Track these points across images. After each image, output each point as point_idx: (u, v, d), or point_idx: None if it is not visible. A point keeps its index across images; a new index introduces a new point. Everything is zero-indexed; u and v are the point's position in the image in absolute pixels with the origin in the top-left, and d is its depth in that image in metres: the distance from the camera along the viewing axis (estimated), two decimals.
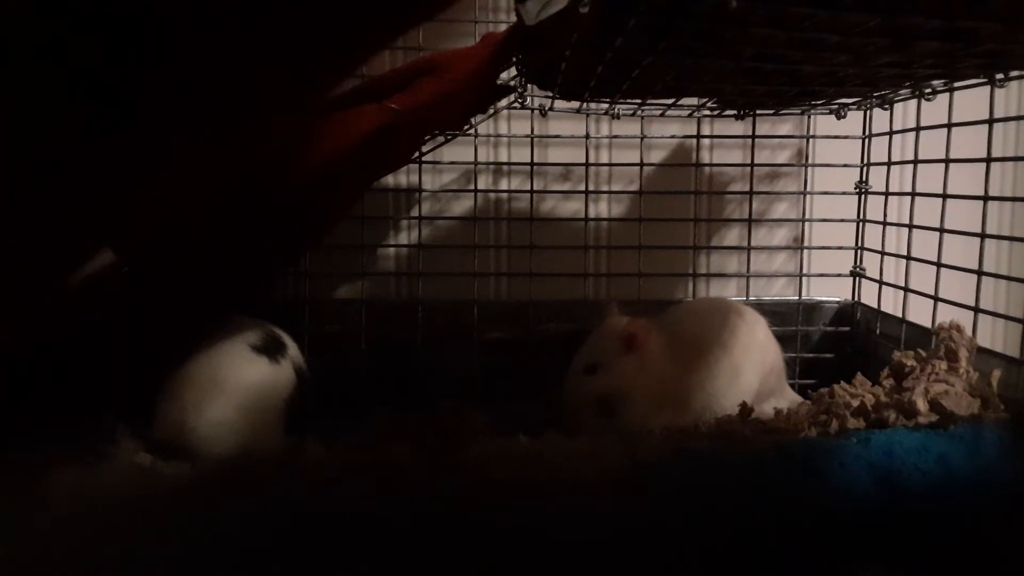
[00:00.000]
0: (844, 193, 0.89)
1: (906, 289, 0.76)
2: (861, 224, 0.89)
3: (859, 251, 0.89)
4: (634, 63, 0.56)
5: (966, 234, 0.68)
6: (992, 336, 0.77)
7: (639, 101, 0.78)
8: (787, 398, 0.73)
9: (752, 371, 0.68)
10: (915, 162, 0.76)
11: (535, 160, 0.88)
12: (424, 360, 0.86)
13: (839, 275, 0.90)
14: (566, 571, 0.46)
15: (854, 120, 0.86)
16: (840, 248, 0.90)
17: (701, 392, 0.67)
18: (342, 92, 0.67)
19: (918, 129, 0.76)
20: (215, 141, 0.48)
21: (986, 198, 0.65)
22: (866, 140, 0.87)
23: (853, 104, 0.83)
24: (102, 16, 0.36)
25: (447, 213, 0.92)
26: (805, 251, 0.93)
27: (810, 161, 0.92)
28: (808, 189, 0.92)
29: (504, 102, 0.83)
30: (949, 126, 0.70)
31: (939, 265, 0.71)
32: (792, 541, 0.47)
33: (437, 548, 0.45)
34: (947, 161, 0.70)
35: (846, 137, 0.88)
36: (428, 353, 0.86)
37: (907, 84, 0.70)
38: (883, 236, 0.82)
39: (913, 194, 0.76)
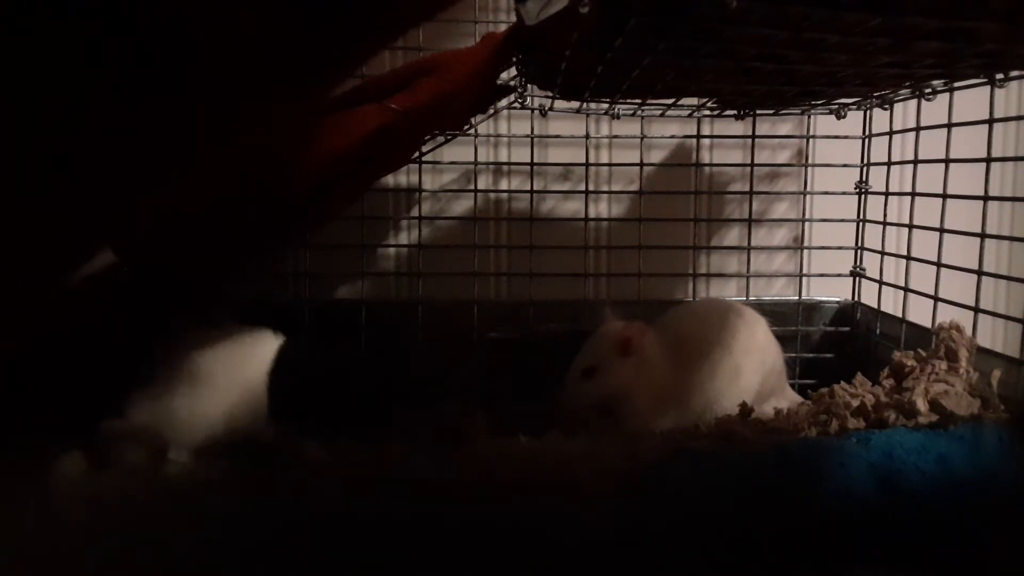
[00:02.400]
0: (844, 193, 0.89)
1: (906, 289, 0.76)
2: (861, 224, 0.89)
3: (859, 251, 0.89)
4: (634, 63, 0.56)
5: (966, 234, 0.68)
6: (992, 336, 0.77)
7: (639, 101, 0.78)
8: (787, 398, 0.73)
9: (752, 371, 0.68)
10: (915, 162, 0.76)
11: (535, 160, 0.88)
12: (424, 360, 0.86)
13: (839, 275, 0.90)
14: (566, 571, 0.46)
15: (854, 120, 0.86)
16: (840, 248, 0.90)
17: (701, 393, 0.67)
18: (342, 92, 0.67)
19: (918, 129, 0.76)
20: (215, 142, 0.48)
21: (986, 198, 0.65)
22: (866, 140, 0.87)
23: (853, 104, 0.83)
24: (107, 14, 0.36)
25: (447, 213, 0.92)
26: (805, 251, 0.93)
27: (810, 161, 0.92)
28: (808, 189, 0.92)
29: (504, 102, 0.83)
30: (949, 126, 0.70)
31: (939, 265, 0.71)
32: (792, 541, 0.47)
33: (437, 548, 0.45)
34: (947, 161, 0.70)
35: (846, 137, 0.88)
36: (428, 353, 0.86)
37: (907, 84, 0.70)
38: (883, 236, 0.82)
39: (913, 194, 0.76)
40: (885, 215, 0.82)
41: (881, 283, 0.83)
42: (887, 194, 0.82)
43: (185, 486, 0.52)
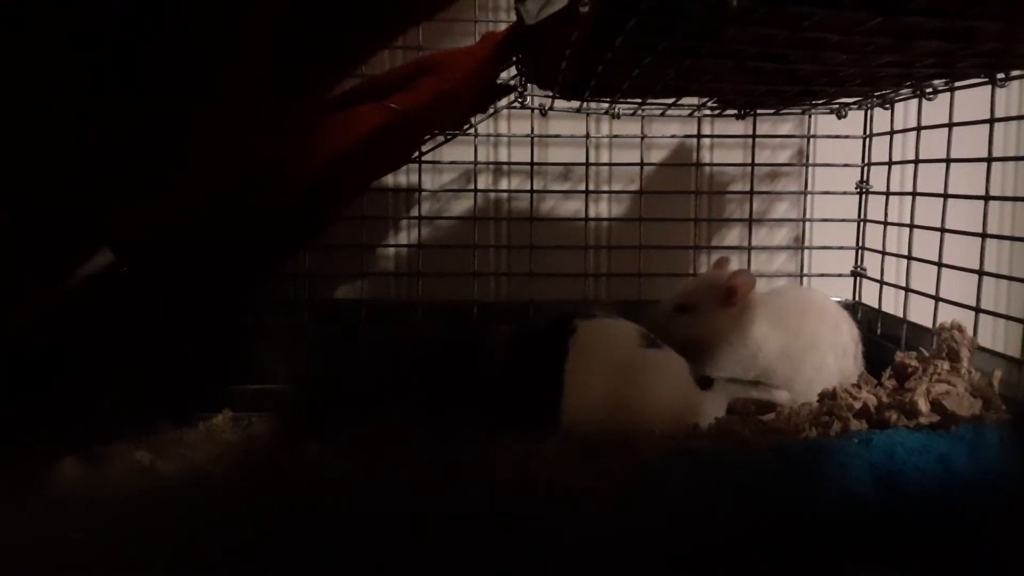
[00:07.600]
0: (845, 193, 0.89)
1: (907, 289, 0.76)
2: (862, 224, 0.89)
3: (860, 251, 0.89)
4: (634, 62, 0.56)
5: (967, 234, 0.68)
6: (993, 336, 0.77)
7: (639, 100, 0.78)
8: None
9: (834, 367, 0.69)
10: (916, 162, 0.76)
11: (535, 160, 0.88)
12: (424, 360, 0.85)
13: (840, 275, 0.90)
14: (565, 571, 0.46)
15: (855, 120, 0.86)
16: (841, 248, 0.90)
17: (796, 375, 0.67)
18: (342, 92, 0.67)
19: (919, 129, 0.76)
20: (215, 140, 0.48)
21: (987, 198, 0.65)
22: (867, 140, 0.87)
23: (854, 104, 0.83)
24: (108, 10, 0.36)
25: (447, 213, 0.91)
26: (806, 251, 0.93)
27: (811, 161, 0.92)
28: (809, 189, 0.91)
29: (504, 102, 0.83)
30: (950, 126, 0.70)
31: (940, 265, 0.71)
32: (792, 541, 0.47)
33: (437, 548, 0.45)
34: (948, 161, 0.70)
35: (847, 137, 0.88)
36: (428, 353, 0.86)
37: (908, 84, 0.69)
38: (884, 236, 0.82)
39: (914, 194, 0.76)
40: (886, 215, 0.82)
41: (882, 283, 0.83)
42: (888, 194, 0.82)
43: (184, 485, 0.52)
